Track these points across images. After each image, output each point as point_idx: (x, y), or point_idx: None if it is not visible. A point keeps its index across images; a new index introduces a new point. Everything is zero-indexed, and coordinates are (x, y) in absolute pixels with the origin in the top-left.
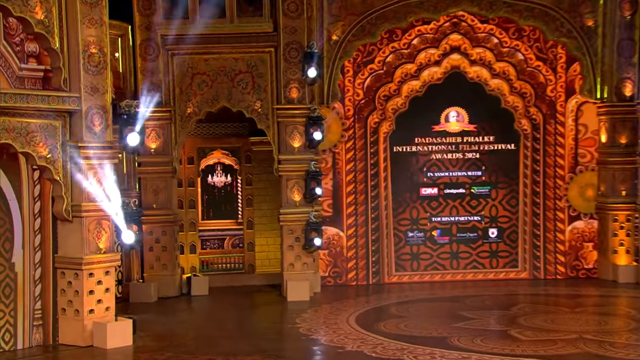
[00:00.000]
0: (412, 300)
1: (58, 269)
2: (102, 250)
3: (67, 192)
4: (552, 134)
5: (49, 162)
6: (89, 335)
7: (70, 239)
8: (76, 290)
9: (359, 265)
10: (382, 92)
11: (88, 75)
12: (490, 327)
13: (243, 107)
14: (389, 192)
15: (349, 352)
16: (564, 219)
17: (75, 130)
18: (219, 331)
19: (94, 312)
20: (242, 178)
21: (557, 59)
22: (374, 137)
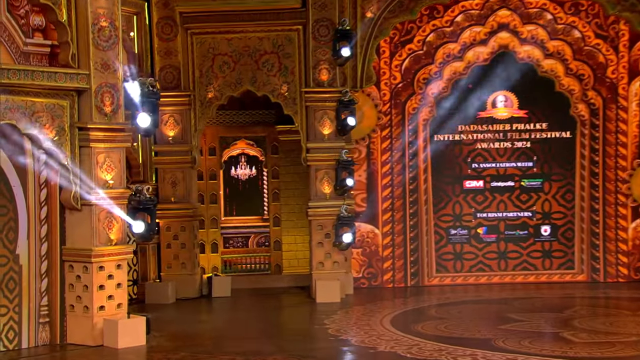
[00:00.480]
0: (454, 302)
1: (66, 261)
2: (114, 241)
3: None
4: (613, 120)
5: (55, 145)
6: (99, 333)
7: (78, 229)
8: (85, 284)
9: (395, 266)
10: (422, 75)
11: (98, 50)
12: (541, 329)
13: (268, 91)
14: (429, 185)
15: (381, 352)
16: (626, 215)
17: (84, 110)
18: (240, 332)
19: (105, 308)
20: (268, 170)
21: (619, 36)
22: (413, 124)
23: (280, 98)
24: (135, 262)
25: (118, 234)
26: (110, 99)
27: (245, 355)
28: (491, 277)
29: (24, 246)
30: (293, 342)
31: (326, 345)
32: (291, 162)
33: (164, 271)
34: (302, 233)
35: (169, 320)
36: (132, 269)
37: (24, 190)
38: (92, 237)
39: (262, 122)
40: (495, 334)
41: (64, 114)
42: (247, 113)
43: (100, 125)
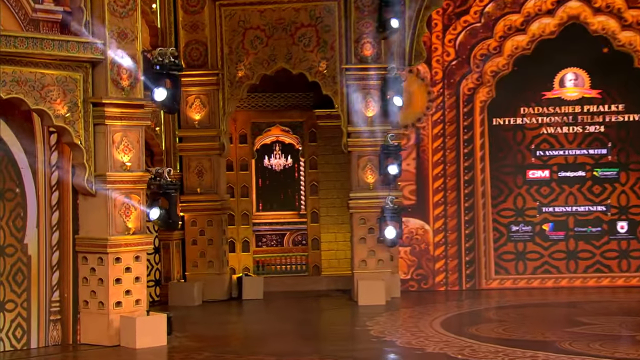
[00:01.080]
0: (515, 305)
1: (79, 252)
2: (132, 230)
3: (89, 159)
4: None
5: (67, 122)
6: (115, 332)
7: (93, 216)
8: (100, 278)
9: (449, 267)
10: (479, 51)
11: (114, 18)
12: (613, 332)
13: (305, 69)
14: (487, 175)
15: (429, 354)
16: None
17: (99, 84)
18: (272, 333)
19: (122, 305)
20: (306, 160)
21: None
22: (469, 106)
23: (318, 76)
24: (158, 260)
25: (136, 222)
26: (127, 71)
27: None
28: (559, 280)
29: (33, 235)
30: (331, 343)
31: (367, 346)
32: (331, 151)
33: (189, 270)
34: (343, 230)
35: (193, 321)
36: (154, 268)
37: (33, 173)
38: (107, 226)
39: (299, 106)
40: (561, 337)
41: (77, 88)
42: (282, 96)
43: (117, 101)
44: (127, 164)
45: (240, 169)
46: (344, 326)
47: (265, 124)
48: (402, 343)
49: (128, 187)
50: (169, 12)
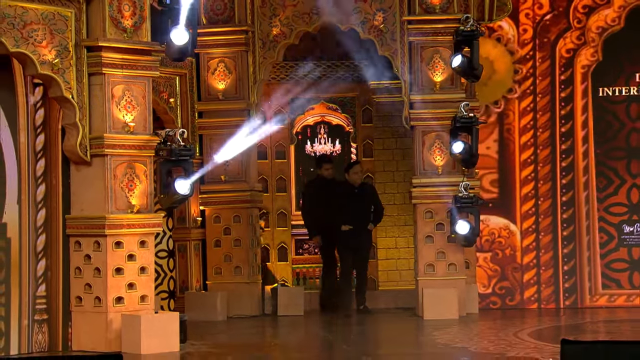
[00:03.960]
0: (630, 319)
1: (71, 236)
2: (136, 207)
3: (83, 118)
4: None
5: (56, 70)
6: (116, 335)
7: (88, 190)
8: (97, 268)
9: (541, 279)
10: (581, 2)
11: None
12: None
13: (356, 23)
14: (591, 161)
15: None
16: None
17: (94, 24)
18: (311, 343)
19: (123, 301)
20: (359, 145)
21: None
22: (567, 73)
23: (373, 32)
24: (172, 266)
25: (142, 198)
26: (131, 8)
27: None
28: None
29: (14, 213)
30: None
31: (434, 350)
32: (390, 134)
33: (210, 279)
34: (406, 233)
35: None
36: (167, 276)
37: (13, 135)
38: (106, 202)
39: (350, 78)
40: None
41: (68, 27)
42: (329, 65)
43: (118, 45)
44: (130, 124)
45: (275, 156)
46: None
47: (307, 101)
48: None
49: (131, 154)
50: None
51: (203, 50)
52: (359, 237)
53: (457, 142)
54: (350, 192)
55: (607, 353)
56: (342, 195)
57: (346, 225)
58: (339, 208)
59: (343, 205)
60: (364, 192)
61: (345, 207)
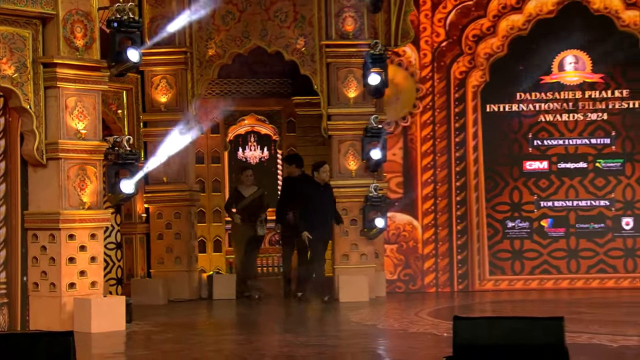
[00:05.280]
0: (512, 300)
1: (29, 229)
2: (87, 204)
3: (39, 126)
4: None
5: (15, 84)
6: (69, 316)
7: (44, 189)
8: (52, 257)
9: (439, 266)
10: (472, 31)
11: None
12: (613, 319)
13: (281, 46)
14: (481, 166)
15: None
16: None
17: (50, 43)
18: (242, 321)
19: (76, 287)
20: (284, 152)
21: None
22: (460, 92)
23: (295, 55)
24: (120, 257)
25: (93, 197)
26: (82, 30)
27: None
28: (559, 281)
29: None
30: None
31: (348, 327)
32: (311, 142)
33: (154, 267)
34: None
35: (156, 312)
36: (115, 265)
37: None
38: (60, 199)
39: (276, 94)
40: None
41: (26, 46)
42: (258, 82)
43: (70, 62)
44: (81, 131)
45: (211, 161)
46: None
47: (239, 113)
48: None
49: (83, 157)
50: None
51: (147, 68)
52: (329, 230)
53: (375, 150)
54: (318, 189)
55: (490, 326)
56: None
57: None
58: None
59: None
60: (327, 189)
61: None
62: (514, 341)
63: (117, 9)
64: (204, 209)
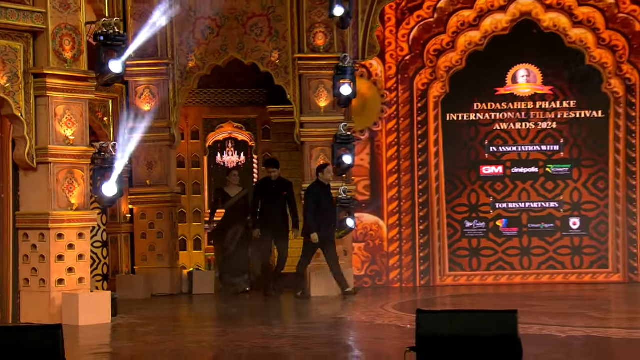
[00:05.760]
0: (470, 294)
1: (20, 229)
2: (75, 206)
3: (30, 132)
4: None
5: (7, 93)
6: (57, 310)
7: (34, 191)
8: (42, 255)
9: (403, 263)
10: (433, 46)
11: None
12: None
13: (257, 59)
14: (441, 171)
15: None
16: None
17: (40, 55)
18: (221, 314)
19: (64, 282)
20: (259, 157)
21: None
22: (422, 102)
23: (270, 67)
24: (105, 254)
25: (80, 198)
26: (70, 43)
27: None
28: (512, 277)
29: None
30: (284, 320)
31: (320, 320)
32: (285, 148)
33: (138, 264)
34: None
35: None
36: (101, 262)
37: None
38: (49, 201)
39: (252, 103)
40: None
41: (17, 58)
42: (235, 92)
43: (59, 72)
44: (70, 137)
45: (192, 165)
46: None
47: (217, 121)
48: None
49: (71, 162)
50: (118, 1)
51: (132, 78)
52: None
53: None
54: (324, 189)
55: (450, 319)
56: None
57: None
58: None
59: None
60: (330, 189)
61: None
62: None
63: (104, 23)
64: (184, 209)
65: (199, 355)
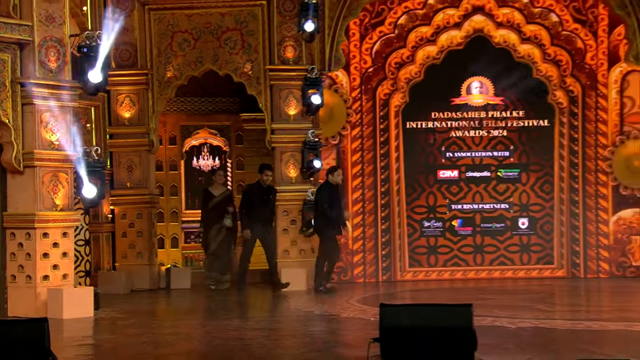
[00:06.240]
0: (427, 289)
1: (7, 229)
2: (59, 207)
3: (17, 137)
4: (593, 108)
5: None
6: (43, 304)
7: (21, 193)
8: (28, 253)
9: (366, 260)
10: (394, 59)
11: (42, 1)
12: (512, 304)
13: (231, 70)
14: (402, 175)
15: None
16: (607, 208)
17: (26, 65)
18: (198, 309)
19: (49, 279)
20: (233, 161)
21: (598, 20)
22: (384, 111)
23: (243, 77)
24: (88, 252)
25: (64, 200)
26: (55, 54)
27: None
28: (467, 272)
29: None
30: (253, 313)
31: (289, 313)
32: (256, 153)
33: (118, 261)
34: None
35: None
36: (84, 259)
37: None
38: (35, 202)
39: (226, 111)
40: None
41: (5, 68)
42: (210, 100)
43: (45, 82)
44: (55, 142)
45: (169, 169)
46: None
47: (193, 127)
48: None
49: (56, 165)
50: (99, 15)
51: (113, 87)
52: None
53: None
54: (335, 190)
55: (411, 312)
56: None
57: None
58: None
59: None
60: (339, 190)
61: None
62: (431, 324)
63: (87, 36)
64: (162, 210)
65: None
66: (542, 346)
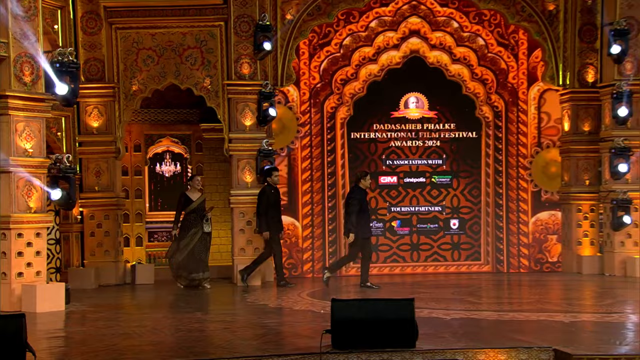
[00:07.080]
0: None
1: None
2: (33, 209)
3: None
4: (514, 122)
5: None
6: (17, 299)
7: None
8: (3, 251)
9: (315, 257)
10: (339, 76)
11: (17, 20)
12: (445, 297)
13: (192, 84)
14: (347, 180)
15: (297, 310)
16: (527, 210)
17: (2, 79)
18: (161, 302)
19: (23, 275)
20: (193, 167)
21: (519, 44)
22: (331, 122)
23: (203, 91)
24: (59, 250)
25: (37, 203)
26: (29, 69)
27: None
28: (404, 268)
29: None
30: (212, 306)
31: (245, 307)
32: (215, 160)
33: (87, 259)
34: (225, 227)
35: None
36: (55, 257)
37: None
38: (10, 205)
39: (187, 121)
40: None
41: None
42: (172, 112)
43: (20, 94)
44: (29, 150)
45: (134, 174)
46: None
47: (157, 136)
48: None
49: (30, 171)
50: (70, 33)
51: (82, 99)
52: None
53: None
54: (365, 195)
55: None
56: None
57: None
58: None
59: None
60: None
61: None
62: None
63: (59, 52)
64: (128, 212)
65: (144, 338)
66: (473, 334)
